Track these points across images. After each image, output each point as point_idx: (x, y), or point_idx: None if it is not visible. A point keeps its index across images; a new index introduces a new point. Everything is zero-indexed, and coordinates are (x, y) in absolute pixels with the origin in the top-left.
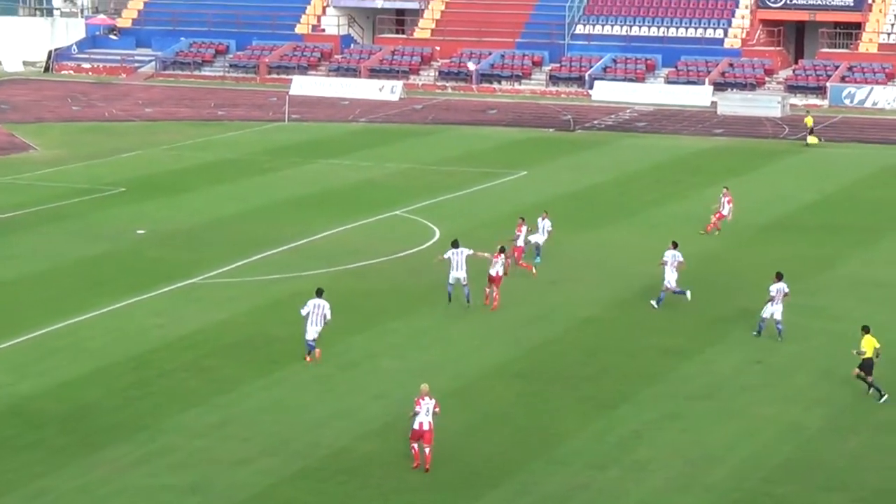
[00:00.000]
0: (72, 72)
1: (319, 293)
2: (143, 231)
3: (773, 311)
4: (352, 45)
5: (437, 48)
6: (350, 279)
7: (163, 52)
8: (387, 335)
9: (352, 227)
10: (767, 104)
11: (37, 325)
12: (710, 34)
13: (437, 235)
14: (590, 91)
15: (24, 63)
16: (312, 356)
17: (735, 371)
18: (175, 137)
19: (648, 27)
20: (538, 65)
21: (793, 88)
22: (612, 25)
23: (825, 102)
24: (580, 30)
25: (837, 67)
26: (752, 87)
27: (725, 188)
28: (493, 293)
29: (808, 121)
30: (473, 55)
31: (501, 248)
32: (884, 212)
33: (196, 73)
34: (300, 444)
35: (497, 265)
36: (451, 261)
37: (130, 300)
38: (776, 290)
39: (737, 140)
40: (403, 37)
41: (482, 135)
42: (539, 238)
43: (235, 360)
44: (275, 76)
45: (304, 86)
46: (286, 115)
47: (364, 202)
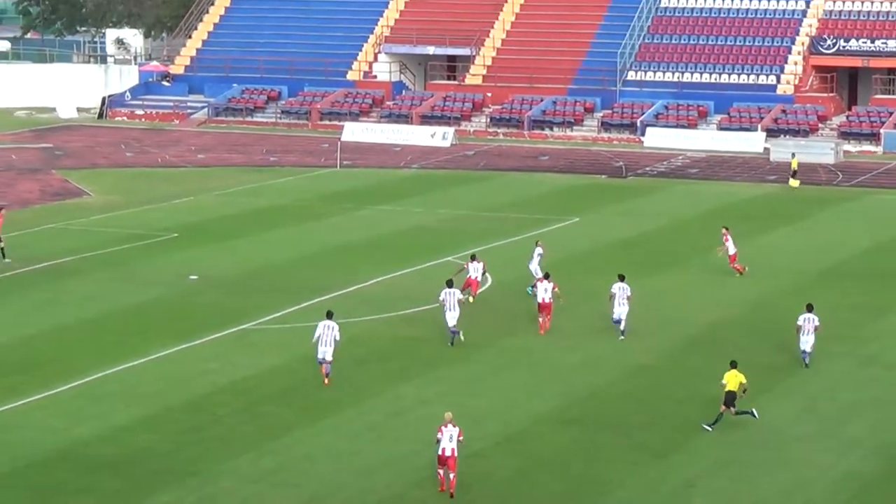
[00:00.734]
0: (125, 118)
1: (329, 315)
2: (196, 277)
3: (803, 342)
4: (403, 92)
5: (489, 94)
6: (401, 325)
7: (215, 99)
8: (438, 382)
9: (403, 274)
10: (820, 150)
11: (90, 370)
12: (763, 80)
13: (490, 282)
14: (642, 137)
15: (79, 109)
16: (328, 378)
17: (788, 419)
18: (227, 183)
19: (700, 73)
20: (590, 111)
21: (846, 135)
22: (664, 72)
23: (879, 149)
24: (632, 76)
25: (891, 114)
26: (805, 134)
27: (725, 229)
28: (545, 320)
29: (794, 163)
30: (525, 101)
31: (546, 275)
32: None
33: (248, 120)
34: (352, 491)
35: (545, 292)
36: (445, 302)
37: (183, 346)
38: (803, 320)
39: (790, 187)
40: (455, 83)
41: (534, 181)
42: (534, 265)
43: (287, 406)
44: (327, 122)
45: (356, 132)
46: (338, 162)
47: (415, 248)
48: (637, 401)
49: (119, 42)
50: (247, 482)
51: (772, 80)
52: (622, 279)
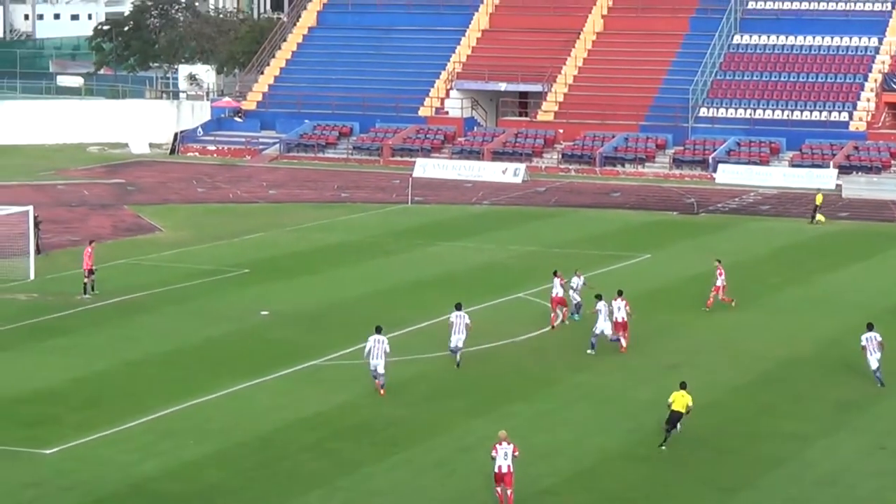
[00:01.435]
0: (197, 154)
1: (379, 330)
2: (267, 312)
3: (871, 361)
4: (475, 128)
5: (561, 131)
6: (472, 362)
7: (287, 135)
8: (508, 418)
9: (474, 310)
10: (893, 187)
11: (160, 406)
12: (835, 117)
13: (559, 319)
14: (713, 174)
15: (151, 145)
16: (383, 389)
17: (860, 456)
18: (298, 219)
19: (773, 110)
20: (662, 147)
21: None
22: (737, 108)
23: None
24: (704, 113)
25: None
26: (878, 171)
27: (717, 261)
28: (624, 338)
29: (819, 199)
30: (597, 138)
31: (619, 292)
32: None
33: (320, 155)
34: None
35: (619, 311)
36: (453, 325)
37: (253, 381)
38: (866, 340)
39: (862, 223)
40: (527, 119)
41: (606, 218)
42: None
43: (357, 442)
44: (398, 158)
45: (428, 168)
46: (409, 198)
47: (487, 285)
48: (706, 437)
49: (191, 78)
50: None
51: (844, 117)
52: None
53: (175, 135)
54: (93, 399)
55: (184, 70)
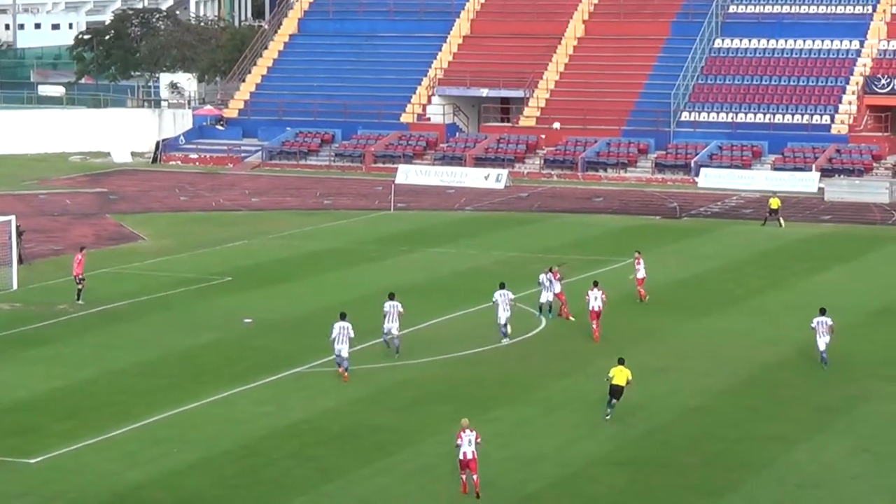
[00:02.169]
0: (179, 162)
1: (343, 317)
2: (250, 320)
3: (819, 343)
4: (457, 134)
5: (543, 136)
6: (456, 367)
7: (269, 142)
8: (491, 423)
9: (458, 315)
10: (875, 190)
11: (144, 414)
12: (817, 120)
13: (543, 324)
14: (696, 178)
15: (133, 154)
16: (346, 373)
17: (844, 459)
18: (281, 227)
19: (754, 114)
20: (644, 152)
21: None
22: (718, 112)
23: None
24: (686, 117)
25: None
26: (860, 173)
27: (637, 253)
28: (597, 327)
29: (774, 203)
30: (579, 143)
31: (595, 282)
32: None
33: (302, 163)
34: None
35: (595, 300)
36: (387, 314)
37: (236, 389)
38: (817, 323)
39: (844, 226)
40: (509, 125)
41: (588, 222)
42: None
43: (341, 449)
44: (380, 165)
45: (410, 174)
46: (392, 204)
47: (470, 290)
48: (692, 441)
49: (173, 86)
50: None
51: (826, 120)
52: (503, 286)
53: (157, 143)
54: (76, 408)
55: (165, 78)
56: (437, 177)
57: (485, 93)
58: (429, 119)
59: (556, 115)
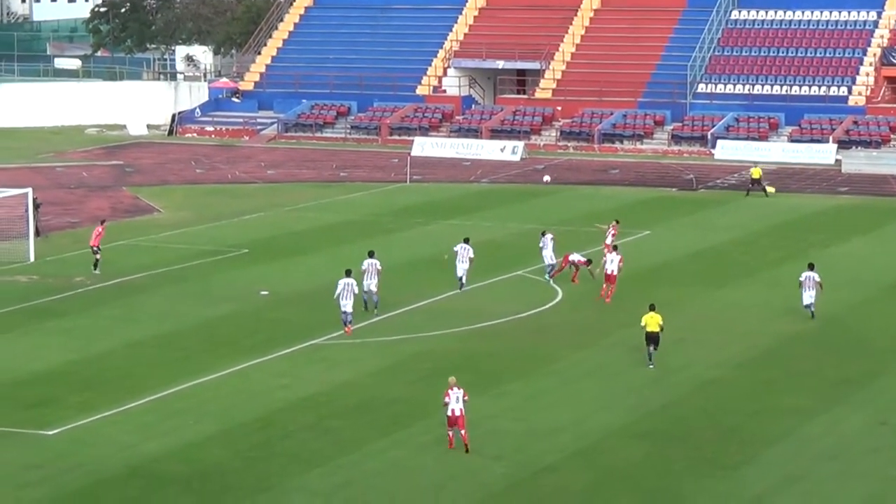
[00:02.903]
0: (195, 135)
1: (348, 273)
2: (267, 292)
3: (805, 297)
4: (473, 106)
5: (559, 108)
6: (472, 340)
7: (285, 115)
8: (506, 396)
9: (474, 288)
10: (893, 162)
11: (161, 386)
12: (834, 92)
13: (560, 296)
14: (712, 150)
15: (149, 126)
16: (350, 327)
17: (861, 432)
18: (297, 199)
19: (771, 85)
20: (660, 124)
21: None
22: (735, 84)
23: None
24: (702, 89)
25: None
26: (878, 145)
27: (616, 221)
28: (610, 289)
29: (755, 172)
30: (595, 115)
31: (615, 246)
32: None
33: (318, 135)
34: None
35: (612, 263)
36: (366, 271)
37: (253, 361)
38: (805, 277)
39: (862, 198)
40: (525, 97)
41: (604, 195)
42: (548, 251)
43: (357, 421)
44: (396, 137)
45: (426, 147)
46: (408, 177)
47: (486, 263)
48: (708, 414)
49: (189, 59)
50: (317, 498)
51: (843, 92)
52: (467, 241)
53: (173, 116)
54: (93, 380)
55: (181, 51)
56: (453, 149)
57: (501, 65)
58: (444, 91)
59: (573, 87)
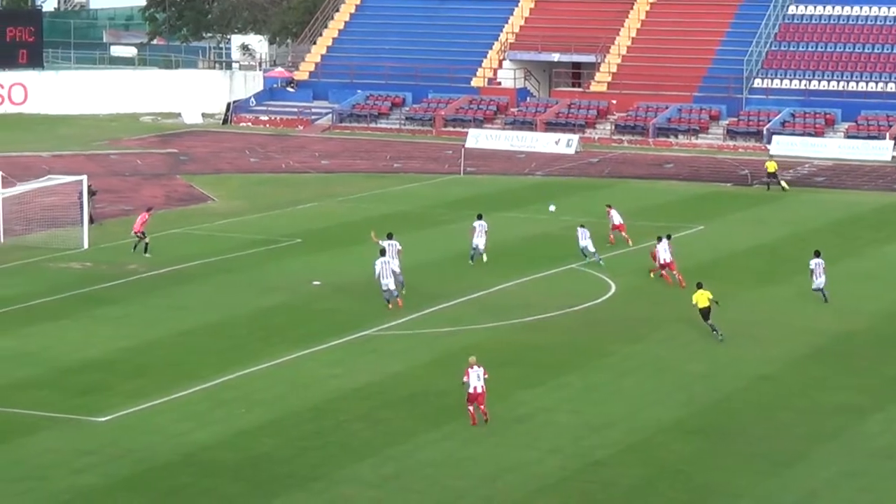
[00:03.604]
0: (249, 124)
1: (383, 252)
2: (319, 282)
3: (819, 283)
4: (528, 99)
5: (614, 101)
6: (525, 332)
7: (339, 105)
8: (559, 389)
9: (527, 281)
10: None
11: (211, 375)
12: (892, 88)
13: (613, 289)
14: (768, 146)
15: (203, 115)
16: (400, 300)
17: None
18: (351, 189)
19: (828, 81)
20: (715, 119)
21: None
22: (791, 79)
23: None
24: (758, 83)
25: None
26: None
27: (608, 206)
28: (674, 274)
29: (770, 166)
30: (650, 109)
31: (668, 236)
32: None
33: (372, 126)
34: (473, 499)
35: (665, 252)
36: (386, 252)
37: (305, 351)
38: (814, 265)
39: (782, 189)
40: (580, 90)
41: (658, 189)
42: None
43: (408, 412)
44: (450, 129)
45: (480, 139)
46: (462, 168)
47: (539, 255)
48: (760, 410)
49: (244, 48)
50: (368, 488)
51: None
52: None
53: (228, 105)
54: (144, 368)
55: (236, 40)
56: (507, 141)
57: (556, 57)
58: (499, 83)
59: (628, 81)
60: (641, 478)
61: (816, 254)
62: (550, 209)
